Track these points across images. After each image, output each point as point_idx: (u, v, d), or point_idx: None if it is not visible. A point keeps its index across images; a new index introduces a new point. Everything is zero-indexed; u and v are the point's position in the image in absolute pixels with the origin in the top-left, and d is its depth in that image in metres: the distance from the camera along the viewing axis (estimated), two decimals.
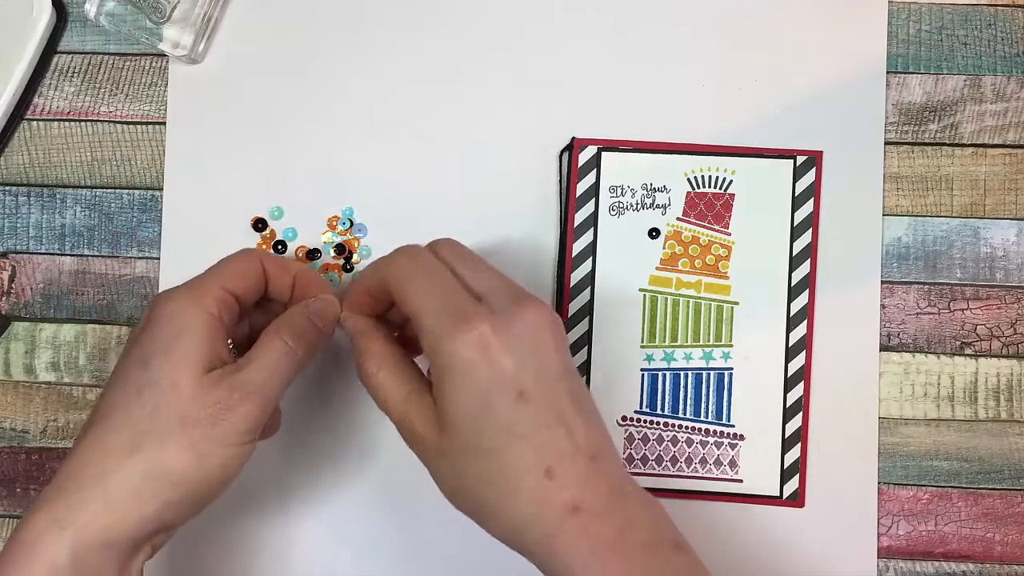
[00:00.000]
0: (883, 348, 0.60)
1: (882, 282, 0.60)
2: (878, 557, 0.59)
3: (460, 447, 0.48)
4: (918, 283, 0.60)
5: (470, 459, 0.48)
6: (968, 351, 0.60)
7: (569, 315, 0.60)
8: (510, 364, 0.47)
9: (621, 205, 0.60)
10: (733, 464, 0.60)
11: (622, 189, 0.60)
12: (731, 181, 0.60)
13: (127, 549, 0.48)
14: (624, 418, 0.60)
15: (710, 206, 0.60)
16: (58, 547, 0.46)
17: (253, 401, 0.49)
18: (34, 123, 0.62)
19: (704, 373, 0.60)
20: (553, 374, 0.48)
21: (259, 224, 0.61)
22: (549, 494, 0.46)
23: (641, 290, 0.60)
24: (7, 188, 0.62)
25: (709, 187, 0.60)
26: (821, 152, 0.60)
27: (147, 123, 0.62)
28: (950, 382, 0.60)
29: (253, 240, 0.61)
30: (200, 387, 0.48)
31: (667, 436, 0.60)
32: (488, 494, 0.47)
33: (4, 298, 0.61)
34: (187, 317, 0.49)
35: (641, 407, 0.60)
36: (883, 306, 0.60)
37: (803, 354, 0.59)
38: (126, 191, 0.62)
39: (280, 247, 0.61)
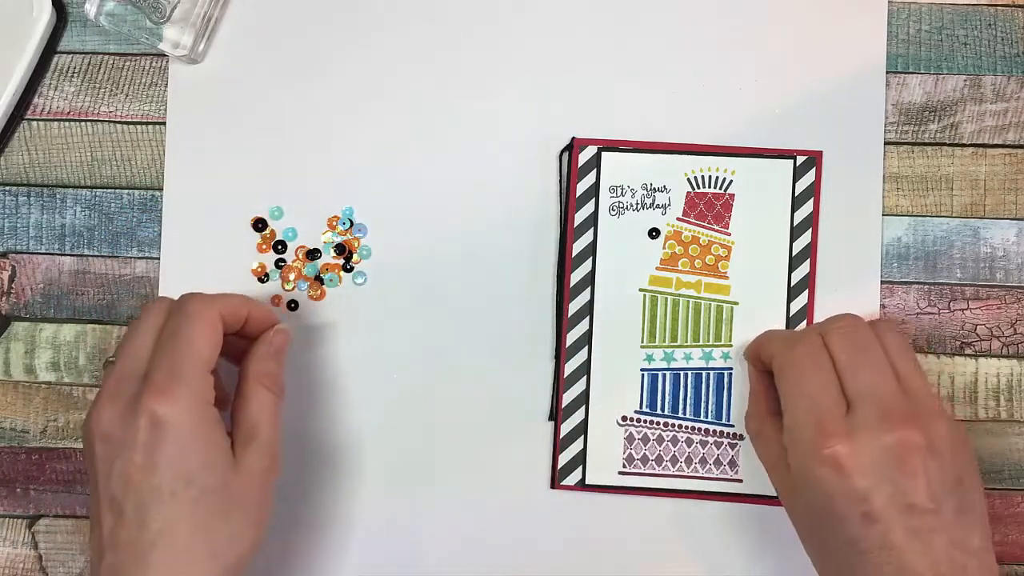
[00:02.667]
0: None
1: (882, 282, 0.60)
2: None
3: (809, 536, 0.52)
4: (918, 283, 0.60)
5: (817, 548, 0.52)
6: (968, 351, 0.60)
7: (569, 315, 0.60)
8: (861, 485, 0.48)
9: (621, 205, 0.60)
10: (733, 464, 0.59)
11: (622, 189, 0.60)
12: (731, 181, 0.60)
13: None
14: (624, 418, 0.60)
15: (710, 206, 0.60)
16: None
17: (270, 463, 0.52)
18: (34, 123, 0.62)
19: (704, 373, 0.60)
20: (907, 501, 0.48)
21: (259, 224, 0.61)
22: None
23: (641, 290, 0.60)
24: (7, 188, 0.62)
25: (709, 187, 0.60)
26: (821, 152, 0.60)
27: (147, 123, 0.62)
28: (950, 382, 0.60)
29: (253, 240, 0.61)
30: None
31: (667, 436, 0.60)
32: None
33: (4, 298, 0.61)
34: (198, 419, 0.49)
35: (641, 407, 0.60)
36: (883, 306, 0.60)
37: None
38: (126, 191, 0.62)
39: (280, 247, 0.61)
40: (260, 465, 0.51)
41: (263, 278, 0.61)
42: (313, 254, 0.61)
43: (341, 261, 0.61)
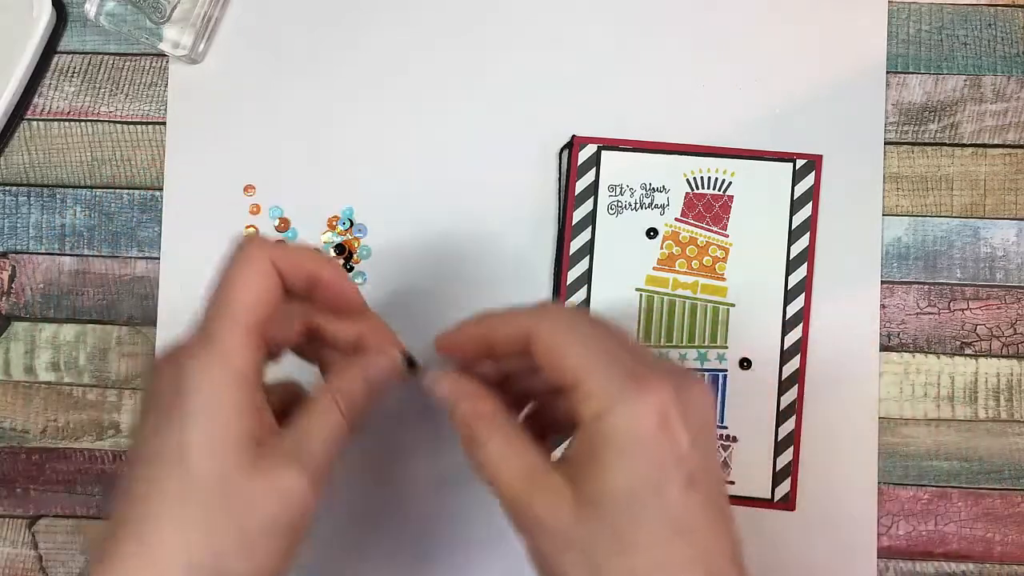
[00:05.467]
0: (883, 348, 0.60)
1: (882, 282, 0.60)
2: (878, 557, 0.59)
3: (604, 537, 0.40)
4: (918, 283, 0.60)
5: (614, 552, 0.40)
6: (968, 351, 0.60)
7: None
8: (686, 442, 0.40)
9: (620, 204, 0.60)
10: (725, 466, 0.59)
11: (621, 188, 0.60)
12: (730, 183, 0.60)
13: None
14: None
15: (709, 207, 0.60)
16: None
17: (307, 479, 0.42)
18: (34, 123, 0.62)
19: (698, 374, 0.60)
20: (715, 461, 0.42)
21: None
22: None
23: (638, 290, 0.60)
24: (7, 188, 0.62)
25: (708, 188, 0.60)
26: (821, 156, 0.60)
27: (147, 123, 0.62)
28: (950, 382, 0.60)
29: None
30: (246, 475, 0.41)
31: None
32: None
33: (4, 298, 0.62)
34: (216, 390, 0.41)
35: None
36: (883, 306, 0.60)
37: (797, 358, 0.59)
38: (126, 191, 0.62)
39: None
40: (289, 486, 0.41)
41: None
42: None
43: (341, 261, 0.61)
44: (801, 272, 0.59)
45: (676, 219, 0.60)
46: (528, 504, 0.41)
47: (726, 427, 0.60)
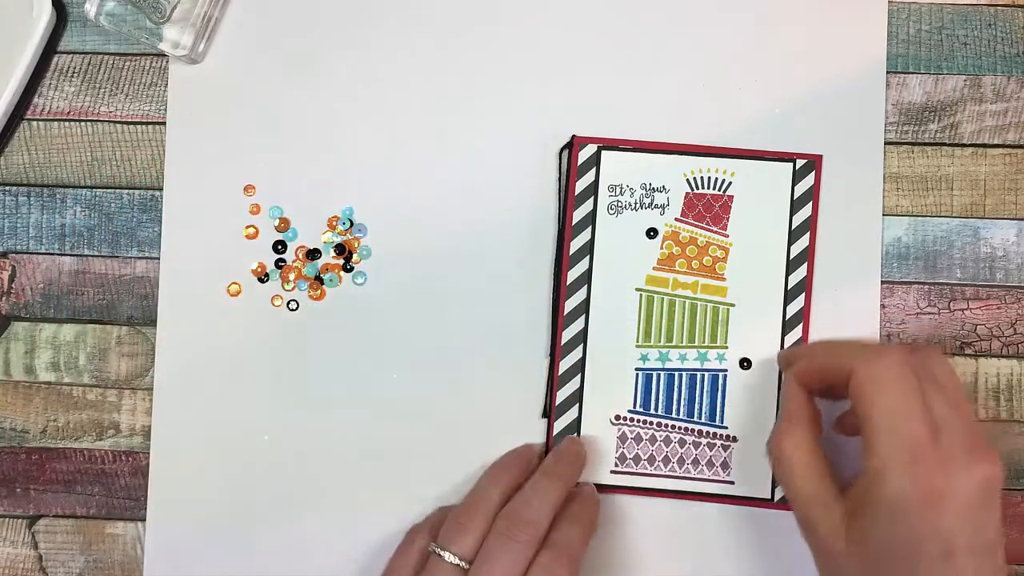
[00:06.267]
0: None
1: (882, 282, 0.60)
2: None
3: (869, 569, 0.48)
4: (918, 283, 0.60)
5: None
6: (968, 351, 0.60)
7: (565, 313, 0.60)
8: (949, 524, 0.46)
9: (620, 204, 0.60)
10: (725, 466, 0.59)
11: (621, 188, 0.60)
12: (730, 183, 0.60)
13: None
14: (617, 417, 0.60)
15: (708, 207, 0.60)
16: None
17: None
18: (34, 123, 0.62)
19: (698, 374, 0.60)
20: (984, 539, 0.46)
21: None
22: None
23: (637, 289, 0.60)
24: (7, 188, 0.62)
25: (708, 188, 0.60)
26: (821, 156, 0.60)
27: (147, 123, 0.62)
28: None
29: (252, 242, 0.61)
30: None
31: (660, 436, 0.60)
32: None
33: (4, 298, 0.62)
34: None
35: (635, 406, 0.60)
36: (883, 306, 0.60)
37: None
38: (126, 191, 0.62)
39: (280, 247, 0.61)
40: None
41: (263, 278, 0.61)
42: (313, 254, 0.61)
43: (341, 261, 0.61)
44: (801, 272, 0.59)
45: (676, 219, 0.60)
46: (811, 520, 0.50)
47: (726, 427, 0.60)
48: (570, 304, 0.60)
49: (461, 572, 0.51)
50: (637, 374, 0.60)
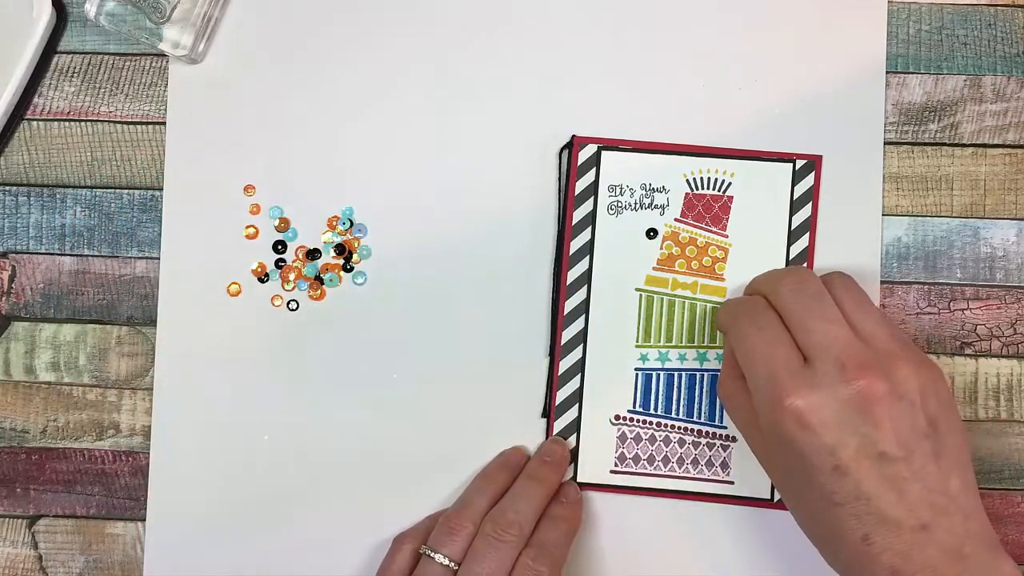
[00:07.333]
0: None
1: (882, 282, 0.60)
2: None
3: (788, 496, 0.52)
4: (918, 283, 0.60)
5: (797, 507, 0.52)
6: (968, 351, 0.60)
7: (565, 313, 0.60)
8: (828, 439, 0.48)
9: (619, 204, 0.60)
10: (724, 466, 0.59)
11: (621, 188, 0.60)
12: (730, 183, 0.60)
13: None
14: (617, 417, 0.60)
15: (708, 208, 0.60)
16: None
17: None
18: (34, 123, 0.62)
19: (698, 374, 0.60)
20: (877, 450, 0.47)
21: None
22: (867, 557, 0.47)
23: (637, 290, 0.60)
24: (7, 188, 0.62)
25: (708, 189, 0.60)
26: (820, 156, 0.60)
27: (147, 123, 0.62)
28: (950, 382, 0.60)
29: (252, 242, 0.61)
30: None
31: (659, 436, 0.60)
32: (814, 538, 0.51)
33: (4, 298, 0.62)
34: None
35: (634, 406, 0.60)
36: (883, 306, 0.60)
37: None
38: (126, 191, 0.62)
39: (280, 247, 0.61)
40: None
41: (263, 278, 0.61)
42: (313, 254, 0.61)
43: (341, 261, 0.61)
44: None
45: (676, 219, 0.60)
46: (754, 451, 0.54)
47: (725, 427, 0.60)
48: (570, 304, 0.60)
49: (451, 572, 0.53)
50: (637, 374, 0.60)
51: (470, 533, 0.54)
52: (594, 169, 0.60)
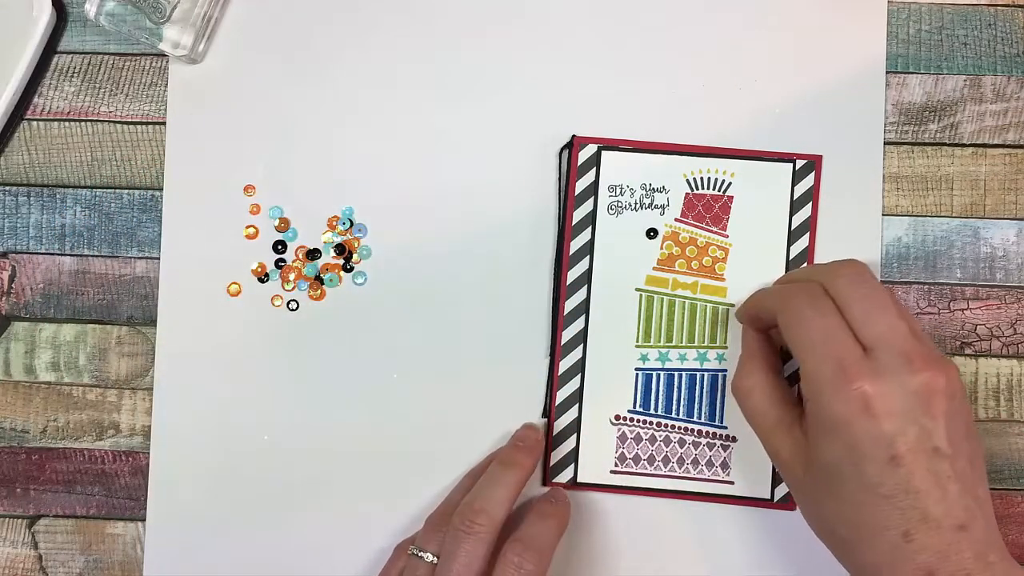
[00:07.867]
0: None
1: (882, 282, 0.60)
2: None
3: (824, 489, 0.49)
4: (918, 283, 0.60)
5: (832, 500, 0.49)
6: (968, 351, 0.60)
7: (565, 313, 0.60)
8: (889, 428, 0.47)
9: (620, 204, 0.60)
10: (725, 466, 0.59)
11: (621, 188, 0.60)
12: (730, 183, 0.60)
13: None
14: (617, 417, 0.60)
15: (708, 208, 0.60)
16: None
17: None
18: (34, 123, 0.62)
19: (698, 374, 0.60)
20: (932, 444, 0.47)
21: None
22: (904, 554, 0.47)
23: (637, 290, 0.60)
24: (7, 188, 0.62)
25: (708, 189, 0.60)
26: (820, 156, 0.60)
27: (147, 123, 0.62)
28: None
29: (252, 242, 0.61)
30: None
31: (659, 436, 0.60)
32: (845, 534, 0.49)
33: (4, 298, 0.62)
34: None
35: (634, 406, 0.60)
36: None
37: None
38: (126, 191, 0.62)
39: (280, 247, 0.61)
40: None
41: (263, 278, 0.61)
42: (313, 254, 0.61)
43: (341, 261, 0.61)
44: None
45: (676, 219, 0.60)
46: (774, 448, 0.53)
47: (725, 427, 0.60)
48: (570, 304, 0.60)
49: (432, 568, 0.53)
50: (637, 374, 0.60)
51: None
52: (594, 169, 0.60)
